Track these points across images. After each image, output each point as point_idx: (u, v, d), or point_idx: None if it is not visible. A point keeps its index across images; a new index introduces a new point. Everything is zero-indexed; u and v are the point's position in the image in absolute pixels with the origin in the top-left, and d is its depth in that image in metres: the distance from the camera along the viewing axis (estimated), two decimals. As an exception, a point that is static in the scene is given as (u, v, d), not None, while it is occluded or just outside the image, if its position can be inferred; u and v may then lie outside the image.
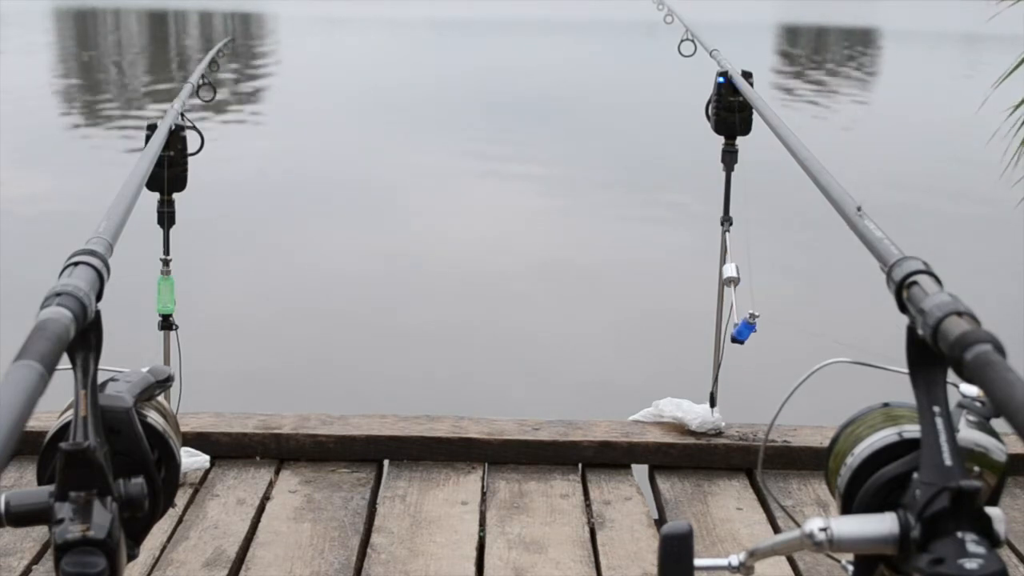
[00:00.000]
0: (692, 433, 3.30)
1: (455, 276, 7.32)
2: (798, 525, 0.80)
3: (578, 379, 5.50)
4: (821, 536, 0.77)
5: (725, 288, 3.22)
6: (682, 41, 3.47)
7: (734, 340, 3.06)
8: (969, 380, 0.68)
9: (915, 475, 0.76)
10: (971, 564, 0.69)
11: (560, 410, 3.59)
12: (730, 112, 3.21)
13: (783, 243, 7.72)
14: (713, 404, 3.34)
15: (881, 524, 0.76)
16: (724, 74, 3.21)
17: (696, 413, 3.32)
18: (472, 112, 14.09)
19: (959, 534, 0.70)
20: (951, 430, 0.75)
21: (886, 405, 0.86)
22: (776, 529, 2.94)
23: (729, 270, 3.24)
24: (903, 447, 0.81)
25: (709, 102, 3.28)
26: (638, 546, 2.82)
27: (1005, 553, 2.86)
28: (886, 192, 9.03)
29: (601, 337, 6.27)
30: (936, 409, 0.76)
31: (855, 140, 12.58)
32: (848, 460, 0.83)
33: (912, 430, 0.81)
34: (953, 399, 0.81)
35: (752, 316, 3.01)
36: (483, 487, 3.14)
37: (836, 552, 0.78)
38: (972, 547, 0.70)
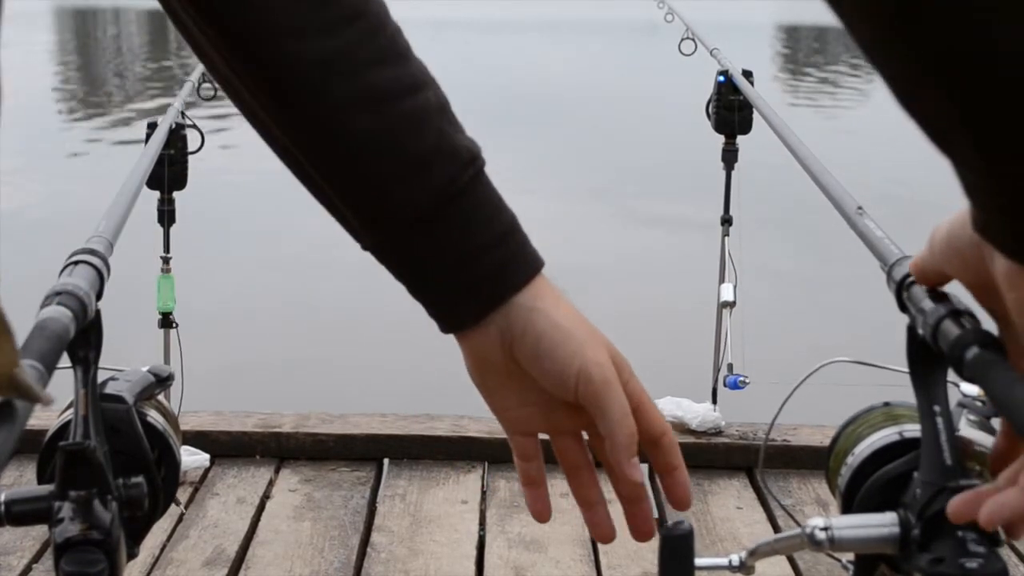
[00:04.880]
0: (692, 432, 3.30)
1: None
2: (798, 524, 0.80)
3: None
4: (822, 536, 0.77)
5: (722, 311, 3.25)
6: (682, 40, 3.48)
7: (725, 386, 3.27)
8: (970, 379, 0.68)
9: (916, 474, 0.76)
10: (972, 563, 0.69)
11: (560, 409, 3.58)
12: (730, 111, 3.22)
13: (782, 242, 7.72)
14: (715, 400, 3.34)
15: (882, 523, 0.76)
16: (724, 73, 3.22)
17: (696, 412, 3.32)
18: (471, 111, 14.05)
19: (960, 533, 0.71)
20: (951, 429, 0.75)
21: (887, 404, 0.85)
22: (776, 528, 2.94)
23: (726, 292, 3.26)
24: (904, 446, 0.81)
25: (709, 101, 3.28)
26: (638, 545, 2.82)
27: (1005, 552, 2.86)
28: (886, 191, 9.03)
29: (601, 336, 6.26)
30: (936, 408, 0.76)
31: (856, 139, 12.58)
32: (848, 460, 0.83)
33: (913, 429, 0.81)
34: (953, 399, 0.81)
35: (743, 381, 3.20)
36: (483, 486, 3.14)
37: (837, 552, 0.78)
38: (973, 546, 0.70)
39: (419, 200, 0.81)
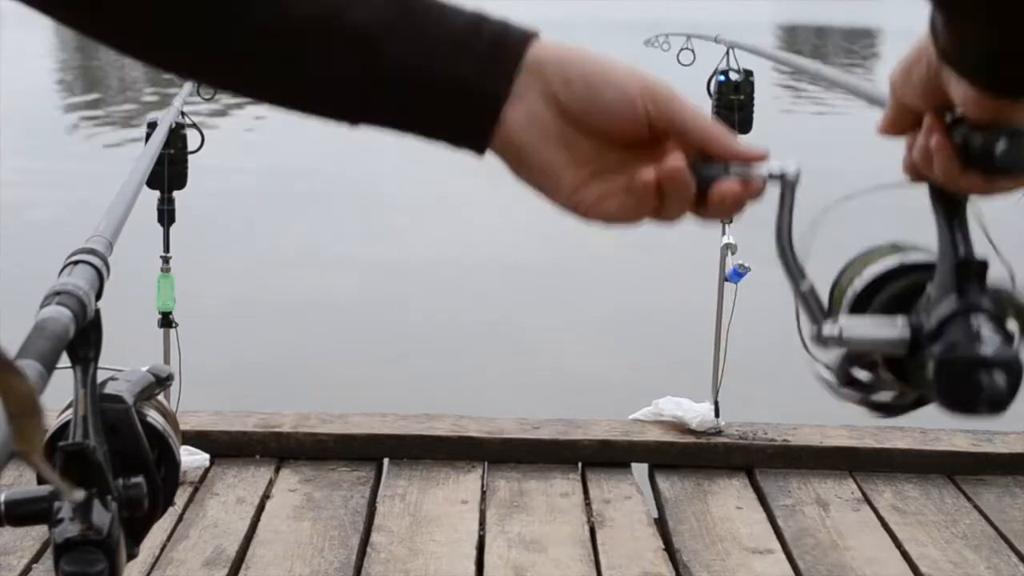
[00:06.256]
0: (692, 432, 3.30)
1: (455, 274, 7.32)
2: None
3: (578, 378, 5.50)
4: (832, 330, 0.74)
5: (723, 252, 3.25)
6: (681, 51, 3.48)
7: (727, 280, 3.25)
8: (1003, 167, 0.69)
9: (928, 287, 0.74)
10: (987, 349, 0.68)
11: (560, 409, 3.59)
12: (730, 111, 3.23)
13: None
14: (717, 412, 3.30)
15: (893, 325, 0.74)
16: (724, 73, 3.22)
17: (696, 412, 3.32)
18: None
19: (973, 323, 0.70)
20: (968, 242, 0.74)
21: (892, 244, 0.83)
22: (776, 528, 2.93)
23: (728, 240, 3.27)
24: (914, 270, 0.78)
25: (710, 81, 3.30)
26: (638, 545, 2.82)
27: (1005, 552, 2.86)
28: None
29: (601, 335, 6.27)
30: (955, 221, 0.75)
31: (856, 139, 12.58)
32: (856, 282, 0.79)
33: (923, 257, 0.78)
34: None
35: (743, 267, 3.18)
36: (483, 486, 3.14)
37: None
38: (987, 332, 0.69)
39: (382, 10, 0.74)
